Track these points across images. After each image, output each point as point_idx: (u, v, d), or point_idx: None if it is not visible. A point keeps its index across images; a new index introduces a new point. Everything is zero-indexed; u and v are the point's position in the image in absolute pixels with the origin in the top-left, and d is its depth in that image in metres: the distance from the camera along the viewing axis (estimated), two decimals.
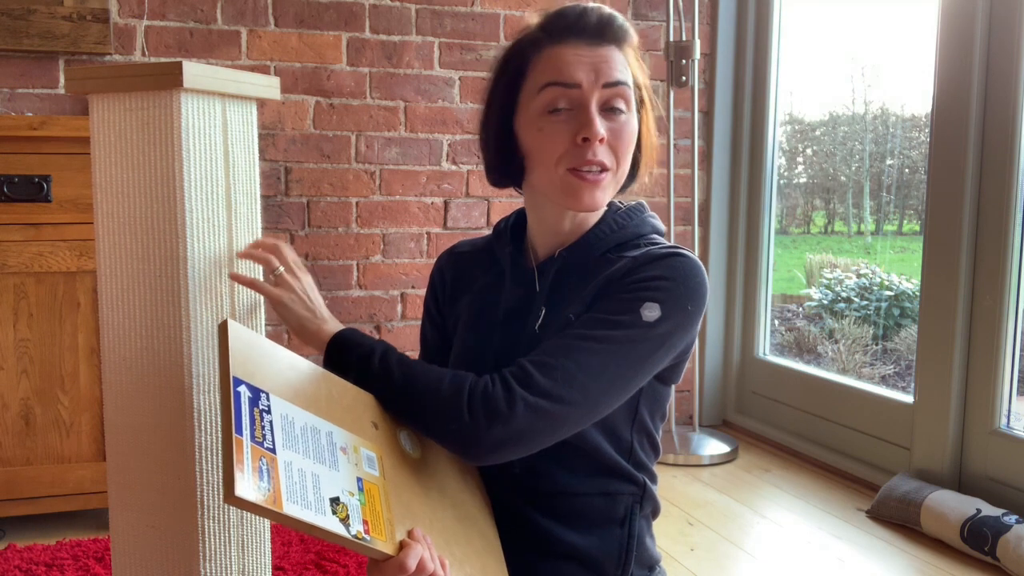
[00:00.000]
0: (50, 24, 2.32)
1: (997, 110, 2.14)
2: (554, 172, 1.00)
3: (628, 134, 1.01)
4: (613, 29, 1.01)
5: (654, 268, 0.99)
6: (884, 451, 2.45)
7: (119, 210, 1.05)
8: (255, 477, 0.76)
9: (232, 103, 1.09)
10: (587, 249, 1.06)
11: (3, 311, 1.97)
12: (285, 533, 2.07)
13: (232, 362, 0.85)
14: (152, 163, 1.02)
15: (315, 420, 0.88)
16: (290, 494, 0.79)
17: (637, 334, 0.96)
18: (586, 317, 0.98)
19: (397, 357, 0.98)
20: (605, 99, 0.99)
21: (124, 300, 1.06)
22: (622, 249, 1.05)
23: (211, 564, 1.08)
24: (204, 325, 1.05)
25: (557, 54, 1.00)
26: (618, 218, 1.08)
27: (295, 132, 2.59)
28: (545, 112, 1.00)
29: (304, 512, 0.78)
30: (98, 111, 1.04)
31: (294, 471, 0.81)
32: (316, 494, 0.81)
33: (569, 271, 1.06)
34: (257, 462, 0.78)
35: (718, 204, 3.05)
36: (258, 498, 0.75)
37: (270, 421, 0.83)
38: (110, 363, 1.08)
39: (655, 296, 0.97)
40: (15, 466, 2.01)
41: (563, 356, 0.94)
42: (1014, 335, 2.16)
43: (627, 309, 0.97)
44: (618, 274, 1.01)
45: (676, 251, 1.02)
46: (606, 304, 0.99)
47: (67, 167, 1.97)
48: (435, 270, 1.22)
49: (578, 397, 0.93)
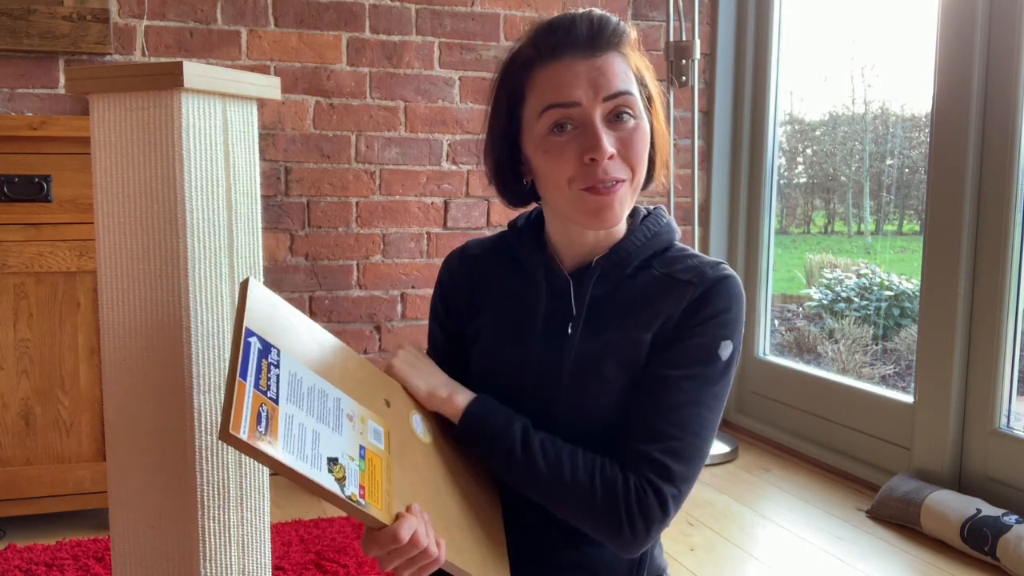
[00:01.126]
0: (50, 24, 2.32)
1: (997, 110, 2.14)
2: (567, 193, 0.97)
3: (639, 141, 0.97)
4: (606, 35, 0.96)
5: (718, 298, 0.99)
6: (884, 451, 2.45)
7: (119, 210, 1.05)
8: (252, 420, 0.76)
9: (232, 103, 1.09)
10: (624, 260, 1.03)
11: (3, 311, 1.97)
12: (285, 533, 2.07)
13: (248, 315, 0.85)
14: (152, 163, 1.02)
15: (324, 385, 0.89)
16: (287, 443, 0.78)
17: (719, 376, 0.99)
18: (677, 375, 0.98)
19: (539, 442, 0.96)
20: (608, 111, 0.96)
21: (124, 300, 1.06)
22: (655, 259, 1.04)
23: (211, 564, 1.08)
24: (204, 325, 1.05)
25: (552, 73, 0.96)
26: (649, 226, 1.06)
27: (295, 132, 2.59)
28: (548, 134, 0.97)
29: (298, 463, 0.77)
30: (98, 111, 1.04)
31: (295, 424, 0.80)
32: (314, 450, 0.80)
33: (606, 280, 1.04)
34: (257, 408, 0.78)
35: (718, 204, 3.05)
36: (252, 438, 0.74)
37: (277, 375, 0.83)
38: (110, 363, 1.08)
39: (726, 332, 0.99)
40: (15, 466, 2.01)
41: (681, 431, 0.97)
42: (1014, 335, 2.16)
43: (708, 354, 0.99)
44: (680, 304, 1.00)
45: (726, 272, 1.01)
46: (686, 350, 0.99)
47: (67, 167, 1.97)
48: (444, 273, 1.17)
49: (702, 464, 0.99)
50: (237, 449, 0.75)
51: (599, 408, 1.00)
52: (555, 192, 0.99)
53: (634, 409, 0.99)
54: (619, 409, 1.00)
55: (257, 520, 1.17)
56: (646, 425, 0.97)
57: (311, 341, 0.93)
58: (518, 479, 0.97)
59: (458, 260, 1.16)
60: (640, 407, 0.98)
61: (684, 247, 1.08)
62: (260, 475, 1.17)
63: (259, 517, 1.17)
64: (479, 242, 1.18)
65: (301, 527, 2.11)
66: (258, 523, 1.17)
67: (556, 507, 0.97)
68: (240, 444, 0.74)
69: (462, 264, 1.16)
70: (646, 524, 0.94)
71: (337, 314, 2.68)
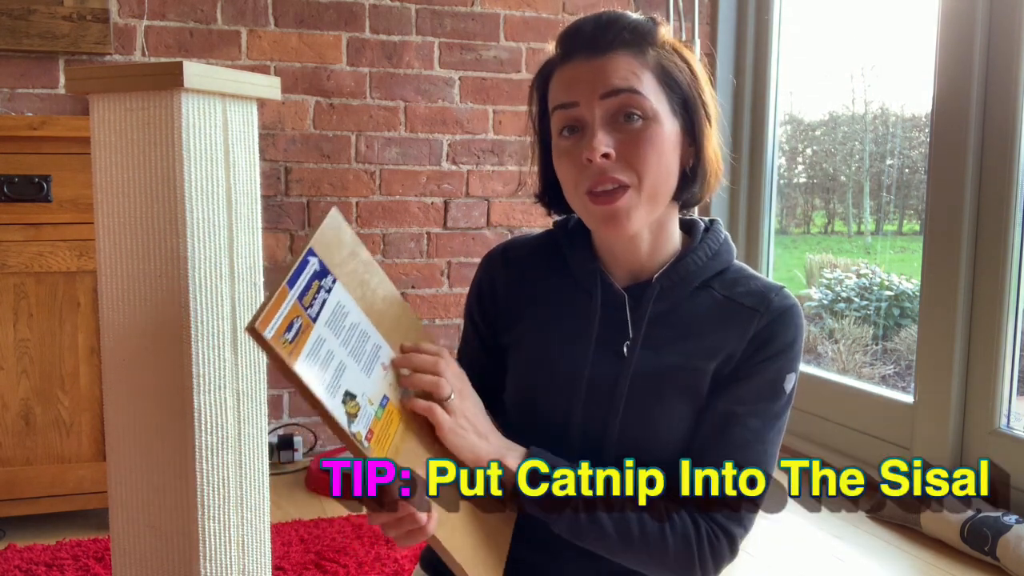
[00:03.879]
0: (50, 24, 2.32)
1: (997, 110, 2.14)
2: (577, 199, 0.95)
3: (647, 143, 0.91)
4: (609, 37, 0.92)
5: (785, 332, 0.97)
6: (884, 451, 2.45)
7: (120, 210, 1.05)
8: (283, 326, 0.76)
9: (232, 103, 1.09)
10: (685, 279, 0.99)
11: (3, 311, 1.97)
12: (285, 533, 2.07)
13: (317, 236, 0.85)
14: (153, 163, 1.02)
15: (370, 328, 0.88)
16: (309, 361, 0.77)
17: (783, 409, 0.99)
18: (743, 412, 0.96)
19: (603, 503, 0.92)
20: (612, 110, 0.91)
21: (124, 300, 1.06)
22: (715, 279, 1.00)
23: (211, 564, 1.08)
24: (204, 325, 1.05)
25: (561, 76, 0.95)
26: (710, 244, 1.02)
27: (295, 132, 2.59)
28: (559, 137, 0.95)
29: (313, 382, 0.77)
30: (99, 111, 1.04)
31: (324, 348, 0.80)
32: (335, 378, 0.80)
33: (664, 299, 0.99)
34: (292, 318, 0.77)
35: (718, 204, 3.05)
36: (275, 341, 0.74)
37: (324, 299, 0.83)
38: (110, 363, 1.08)
39: (792, 366, 0.98)
40: (15, 466, 2.01)
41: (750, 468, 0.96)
42: (1014, 335, 2.15)
43: (775, 391, 0.98)
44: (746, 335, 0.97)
45: (790, 301, 0.99)
46: (753, 387, 0.97)
47: (67, 167, 1.97)
48: (483, 276, 1.09)
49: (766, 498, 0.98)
50: (260, 347, 0.75)
51: (656, 434, 0.97)
52: (571, 200, 0.96)
53: (699, 447, 0.96)
54: (676, 437, 0.97)
55: (257, 520, 1.17)
56: (714, 466, 0.94)
57: (375, 287, 0.93)
58: (586, 542, 0.93)
59: (500, 262, 1.08)
60: (705, 446, 0.96)
61: (742, 266, 1.04)
62: (260, 475, 1.17)
63: (259, 517, 1.17)
64: (524, 242, 1.10)
65: (301, 527, 2.11)
66: (258, 523, 1.17)
67: (627, 562, 0.95)
68: (262, 343, 0.74)
69: (505, 267, 1.08)
70: (716, 566, 0.95)
71: None
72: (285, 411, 2.66)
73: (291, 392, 2.65)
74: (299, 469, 2.54)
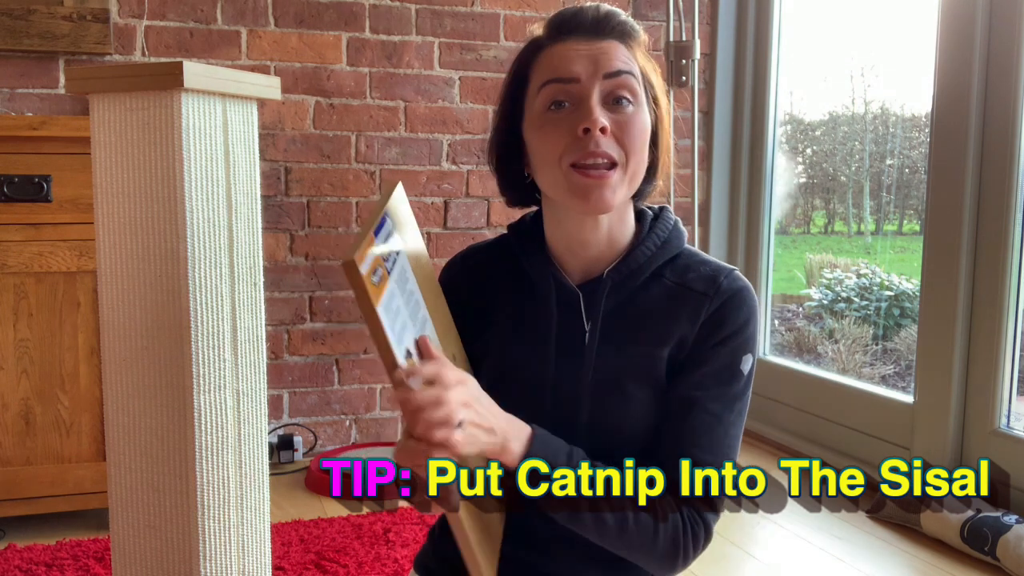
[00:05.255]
0: (50, 24, 2.32)
1: (997, 110, 2.14)
2: (557, 170, 0.95)
3: (637, 127, 0.95)
4: (612, 24, 0.98)
5: (736, 314, 0.98)
6: (884, 451, 2.45)
7: (120, 210, 1.05)
8: (371, 269, 0.77)
9: (232, 103, 1.09)
10: (636, 272, 1.01)
11: (3, 311, 1.97)
12: (285, 533, 2.07)
13: (390, 204, 0.87)
14: (153, 163, 1.02)
15: (421, 299, 0.90)
16: (386, 308, 0.78)
17: (742, 390, 0.99)
18: (702, 397, 0.97)
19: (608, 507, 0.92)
20: (607, 91, 0.95)
21: (124, 300, 1.06)
22: (666, 267, 1.02)
23: (211, 564, 1.08)
24: (204, 325, 1.05)
25: (555, 52, 0.97)
26: (659, 232, 1.03)
27: (295, 132, 2.59)
28: (545, 110, 0.96)
29: (388, 328, 0.77)
30: (98, 111, 1.04)
31: (393, 302, 0.81)
32: (399, 334, 0.80)
33: (617, 293, 1.01)
34: (376, 265, 0.79)
35: (718, 204, 3.05)
36: (366, 278, 0.75)
37: (395, 259, 0.84)
38: (110, 363, 1.08)
39: (746, 347, 0.99)
40: (15, 466, 2.01)
41: (713, 455, 0.97)
42: (1014, 335, 2.15)
43: (732, 373, 0.98)
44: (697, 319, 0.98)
45: (740, 284, 1.00)
46: (710, 371, 0.98)
47: (67, 167, 1.97)
48: (446, 280, 1.10)
49: None
50: (349, 281, 0.75)
51: (622, 425, 0.98)
52: (546, 170, 0.97)
53: (664, 436, 0.98)
54: (643, 426, 0.98)
55: (257, 520, 1.17)
56: (680, 454, 0.95)
57: (424, 263, 0.96)
58: (581, 530, 0.94)
59: (460, 268, 1.11)
60: (670, 434, 0.97)
61: (693, 251, 1.05)
62: (260, 475, 1.17)
63: (259, 517, 1.17)
64: (480, 248, 1.12)
65: (301, 527, 2.11)
66: (258, 523, 1.17)
67: (618, 551, 0.96)
68: (355, 278, 0.74)
69: (464, 272, 1.10)
70: (695, 551, 0.96)
71: (337, 314, 2.68)
72: (285, 411, 2.66)
73: (291, 392, 2.65)
74: (299, 469, 2.54)
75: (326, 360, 2.68)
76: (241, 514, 1.13)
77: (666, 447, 0.97)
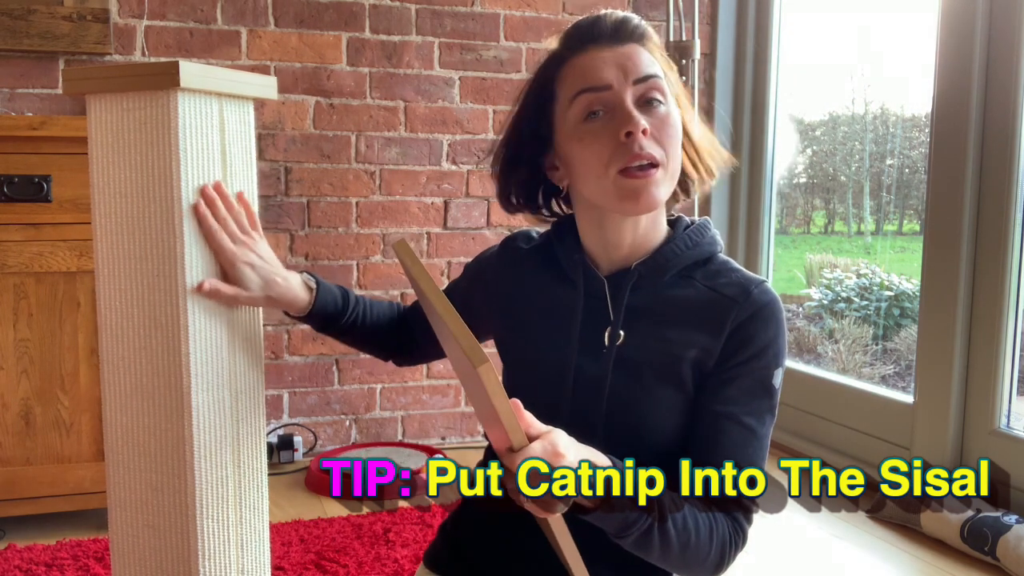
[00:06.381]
0: (50, 24, 2.32)
1: (997, 110, 2.14)
2: (605, 179, 0.97)
3: (672, 124, 0.98)
4: (630, 29, 1.00)
5: (766, 329, 0.99)
6: (884, 451, 2.45)
7: (117, 210, 1.05)
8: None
9: (229, 103, 1.09)
10: (662, 267, 1.03)
11: (3, 311, 1.97)
12: (285, 533, 2.07)
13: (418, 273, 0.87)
14: (149, 163, 1.02)
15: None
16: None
17: (775, 404, 1.02)
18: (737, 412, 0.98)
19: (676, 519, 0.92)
20: (639, 94, 0.97)
21: (123, 300, 1.06)
22: (697, 269, 1.04)
23: (210, 564, 1.08)
24: (202, 325, 1.05)
25: (580, 63, 0.99)
26: (691, 235, 1.06)
27: (295, 132, 2.59)
28: (581, 121, 0.98)
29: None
30: (95, 111, 1.04)
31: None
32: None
33: (643, 286, 1.03)
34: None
35: (718, 204, 3.05)
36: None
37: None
38: (109, 363, 1.08)
39: (778, 362, 1.01)
40: (15, 466, 2.01)
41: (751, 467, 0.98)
42: (1014, 335, 2.15)
43: (765, 388, 1.00)
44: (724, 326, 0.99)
45: (770, 296, 1.00)
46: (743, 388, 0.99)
47: (67, 167, 1.97)
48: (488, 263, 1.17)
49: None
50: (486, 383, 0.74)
51: (643, 420, 0.99)
52: (592, 179, 0.98)
53: (698, 448, 0.99)
54: (665, 424, 0.99)
55: (256, 520, 1.17)
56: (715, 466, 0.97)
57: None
58: (645, 553, 0.93)
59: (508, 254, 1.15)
60: (703, 447, 0.98)
61: (727, 259, 1.07)
62: (259, 475, 1.17)
63: (258, 517, 1.17)
64: (528, 236, 1.16)
65: (301, 527, 2.11)
66: (257, 523, 1.17)
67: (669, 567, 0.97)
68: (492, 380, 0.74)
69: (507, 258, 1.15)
70: (734, 558, 0.99)
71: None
72: (285, 411, 2.66)
73: (291, 392, 2.65)
74: (299, 469, 2.54)
75: (326, 360, 2.68)
76: (240, 513, 1.13)
77: (699, 460, 0.97)
